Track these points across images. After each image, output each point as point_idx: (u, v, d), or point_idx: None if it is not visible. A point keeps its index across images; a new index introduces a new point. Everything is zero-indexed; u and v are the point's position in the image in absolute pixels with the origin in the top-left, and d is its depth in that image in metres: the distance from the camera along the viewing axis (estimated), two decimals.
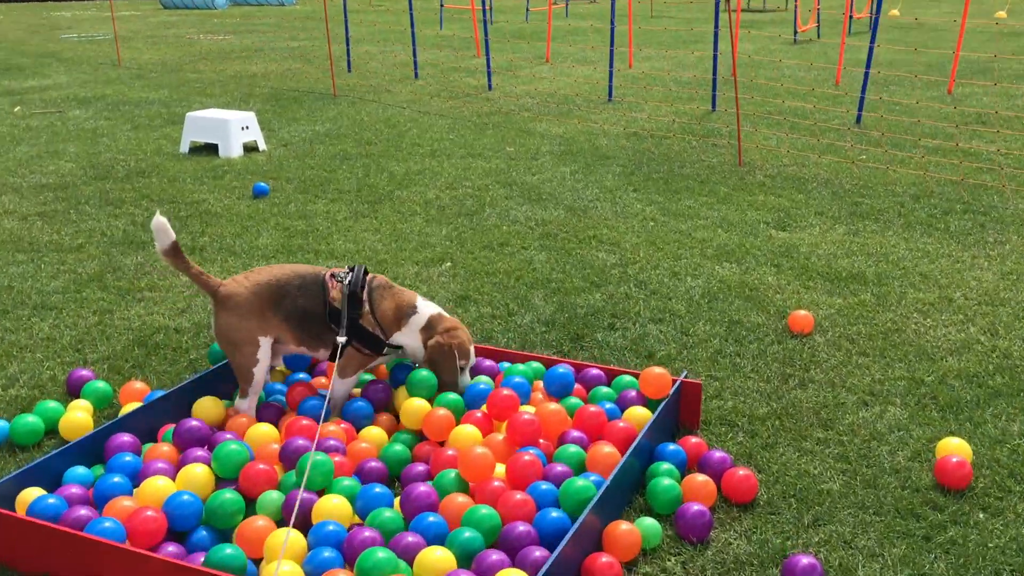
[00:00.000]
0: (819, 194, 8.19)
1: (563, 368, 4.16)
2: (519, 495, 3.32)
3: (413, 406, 3.90)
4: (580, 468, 3.66)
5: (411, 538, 3.12)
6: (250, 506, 3.53)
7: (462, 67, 16.88)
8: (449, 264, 6.49)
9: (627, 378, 4.27)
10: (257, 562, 3.23)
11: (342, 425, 3.92)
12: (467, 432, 3.74)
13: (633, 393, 4.14)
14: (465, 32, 22.55)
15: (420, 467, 3.70)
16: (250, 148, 10.18)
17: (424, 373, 4.05)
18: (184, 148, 10.11)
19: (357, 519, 3.41)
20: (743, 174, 8.94)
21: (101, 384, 4.45)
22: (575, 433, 3.84)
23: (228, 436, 3.81)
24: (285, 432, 3.85)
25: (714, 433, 4.26)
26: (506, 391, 3.92)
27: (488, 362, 4.52)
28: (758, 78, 14.59)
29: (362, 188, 8.53)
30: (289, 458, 3.61)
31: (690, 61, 17.41)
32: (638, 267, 6.38)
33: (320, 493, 3.50)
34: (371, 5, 33.16)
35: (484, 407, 3.99)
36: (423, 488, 3.37)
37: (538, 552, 3.05)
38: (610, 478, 3.42)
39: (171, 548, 3.20)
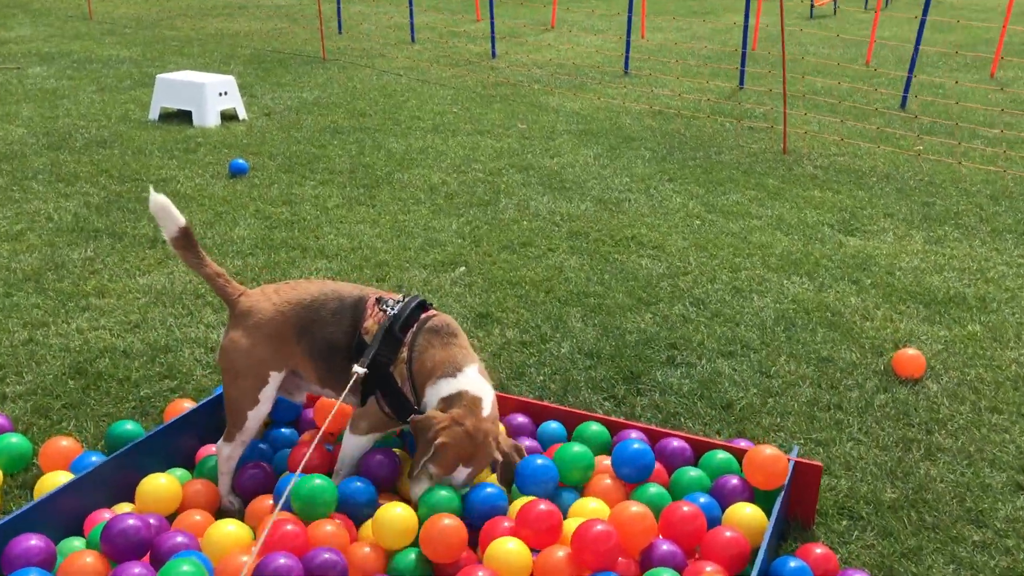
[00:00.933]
0: (882, 191, 7.12)
1: (639, 444, 3.08)
2: None
3: (393, 518, 2.80)
4: None
5: None
6: None
7: (461, 31, 15.65)
8: (463, 269, 5.39)
9: (721, 455, 3.20)
10: None
11: (334, 522, 2.84)
12: (509, 549, 2.66)
13: (735, 481, 3.07)
14: None
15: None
16: (228, 117, 9.00)
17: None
18: (153, 115, 8.92)
19: None
20: (790, 164, 7.85)
21: (16, 439, 3.34)
22: (665, 547, 2.77)
23: (179, 539, 2.72)
24: (269, 531, 2.76)
25: (834, 531, 3.21)
26: (543, 505, 2.81)
27: (521, 418, 3.45)
28: (777, 53, 13.46)
29: (356, 168, 7.39)
30: None
31: (704, 33, 16.24)
32: (691, 279, 5.31)
33: None
34: None
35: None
36: None
37: None
38: None
39: None
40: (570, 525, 2.84)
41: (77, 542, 2.86)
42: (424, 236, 5.93)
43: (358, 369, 2.95)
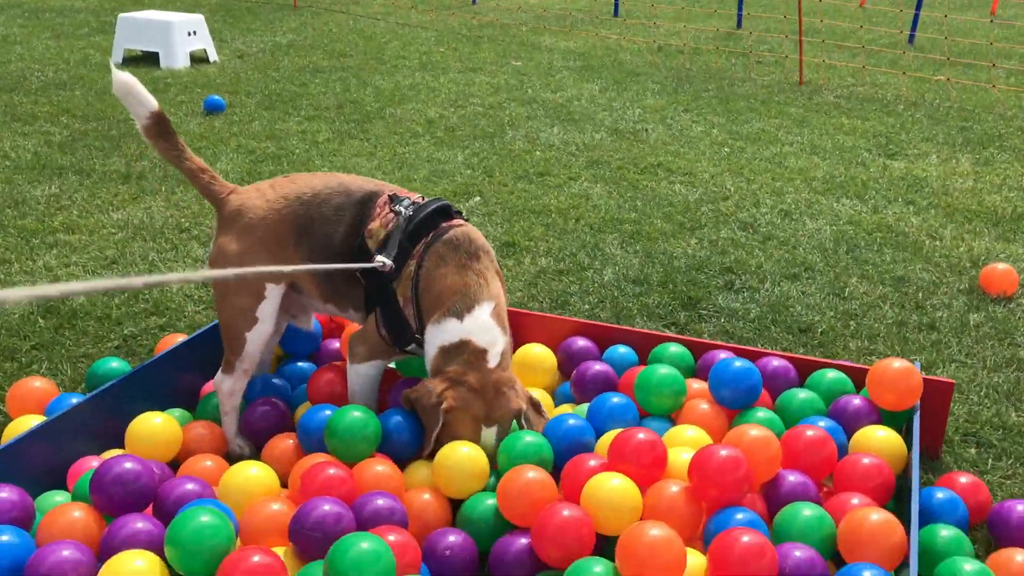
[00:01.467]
0: (912, 118, 6.62)
1: (740, 362, 2.54)
2: None
3: (460, 459, 2.25)
4: (826, 547, 2.07)
5: None
6: None
7: None
8: (478, 199, 4.82)
9: (832, 375, 2.67)
10: None
11: (384, 461, 2.29)
12: (614, 487, 2.11)
13: (857, 401, 2.54)
14: None
15: (523, 539, 2.10)
16: (198, 59, 8.30)
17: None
18: (116, 58, 8.20)
19: None
20: (809, 94, 7.34)
21: None
22: (792, 478, 2.25)
23: (190, 486, 2.16)
24: (300, 479, 2.20)
25: (965, 460, 2.71)
26: (642, 434, 2.26)
27: (582, 341, 2.90)
28: (761, 21, 12.94)
29: (344, 104, 6.76)
30: (309, 539, 1.97)
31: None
32: (732, 204, 4.78)
33: None
34: None
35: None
36: None
37: None
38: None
39: None
40: (673, 459, 2.30)
41: (59, 497, 2.28)
42: (428, 167, 5.34)
43: (382, 259, 2.42)
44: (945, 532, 2.18)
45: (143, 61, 8.18)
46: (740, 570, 1.89)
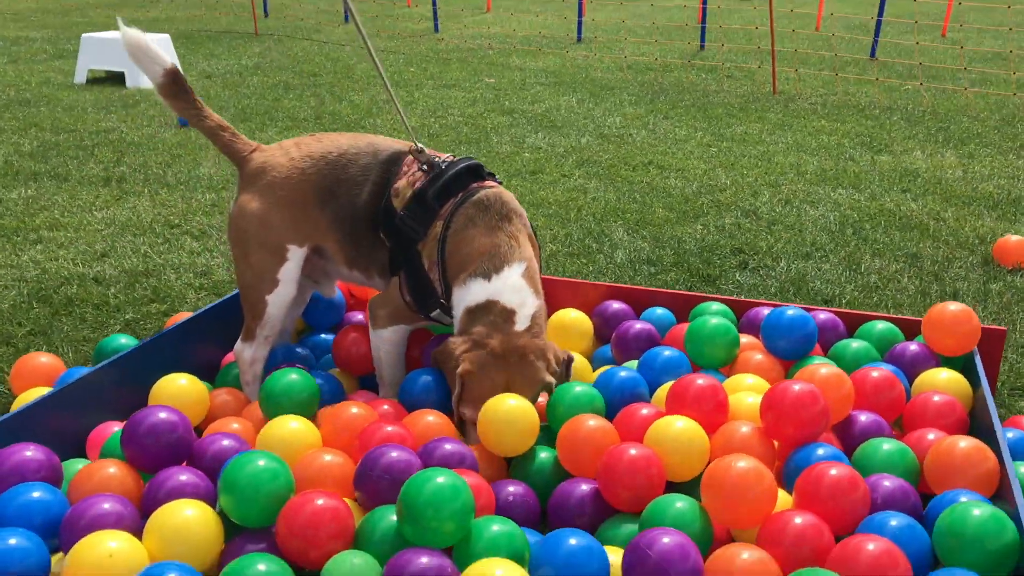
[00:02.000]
0: (889, 121, 6.68)
1: (794, 310, 2.46)
2: (866, 544, 1.63)
3: (508, 414, 2.09)
4: (911, 480, 1.98)
5: None
6: None
7: (396, 14, 14.94)
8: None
9: (882, 325, 2.59)
10: None
11: (435, 413, 2.15)
12: (680, 429, 1.99)
13: (914, 347, 2.46)
14: None
15: (585, 486, 1.97)
16: None
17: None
18: (80, 78, 8.00)
19: None
20: (784, 102, 7.39)
21: None
22: (864, 418, 2.15)
23: (227, 443, 1.99)
24: (361, 433, 2.05)
25: (1017, 411, 2.64)
26: (701, 380, 2.15)
27: (617, 304, 2.79)
28: (731, 23, 13.13)
29: (322, 116, 6.64)
30: (378, 485, 1.82)
31: (644, 11, 15.85)
32: (730, 195, 4.73)
33: (449, 552, 1.73)
34: None
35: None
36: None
37: None
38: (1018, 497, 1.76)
39: None
40: (735, 405, 2.20)
41: (79, 465, 2.10)
42: None
43: (420, 145, 2.34)
44: None
45: (108, 81, 7.99)
46: (831, 504, 1.79)
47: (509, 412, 2.07)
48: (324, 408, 2.26)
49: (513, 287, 2.23)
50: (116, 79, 8.00)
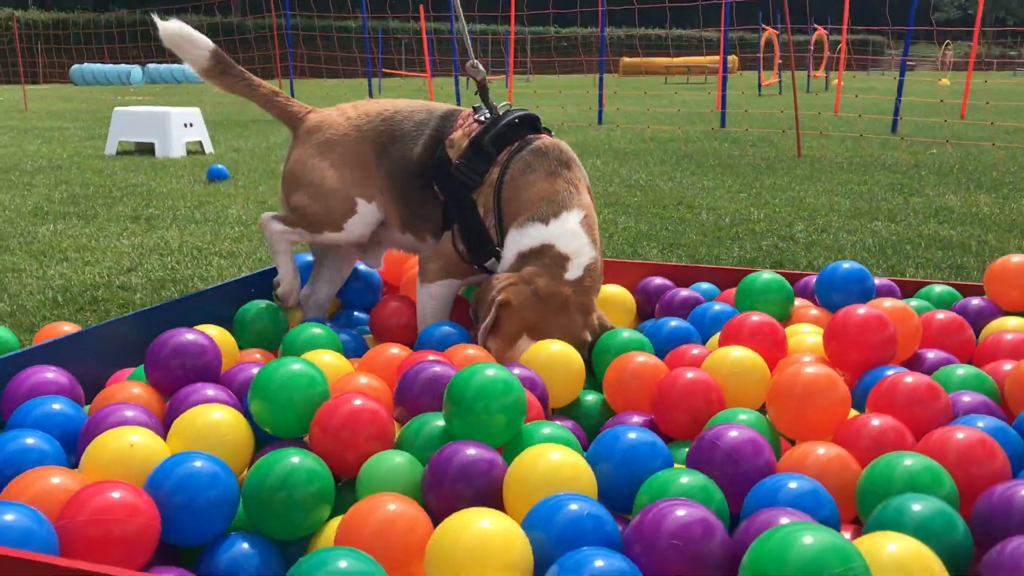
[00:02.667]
0: (917, 175, 6.64)
1: (849, 264, 2.35)
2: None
3: (554, 356, 1.95)
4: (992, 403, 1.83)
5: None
6: (342, 491, 1.59)
7: None
8: None
9: (939, 288, 2.47)
10: None
11: (477, 347, 2.03)
12: (735, 358, 1.86)
13: (977, 301, 2.34)
14: (413, 85, 21.06)
15: (637, 418, 1.82)
16: (194, 152, 8.26)
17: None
18: (111, 149, 8.13)
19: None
20: (810, 162, 7.38)
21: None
22: (932, 355, 2.02)
23: (255, 371, 1.88)
24: (380, 364, 1.94)
25: None
26: (756, 316, 2.04)
27: (659, 280, 2.67)
28: (751, 109, 13.30)
29: None
30: (420, 397, 1.69)
31: (664, 102, 16.14)
32: (764, 226, 4.66)
33: (499, 451, 1.60)
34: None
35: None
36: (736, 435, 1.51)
37: None
38: None
39: None
40: (795, 347, 2.07)
41: None
42: None
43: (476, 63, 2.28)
44: None
45: (137, 154, 8.10)
46: (909, 414, 1.64)
47: (553, 357, 1.95)
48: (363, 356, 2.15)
49: (571, 232, 2.13)
50: (146, 150, 8.11)
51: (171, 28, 2.38)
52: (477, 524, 1.24)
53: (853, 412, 1.77)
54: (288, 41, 13.70)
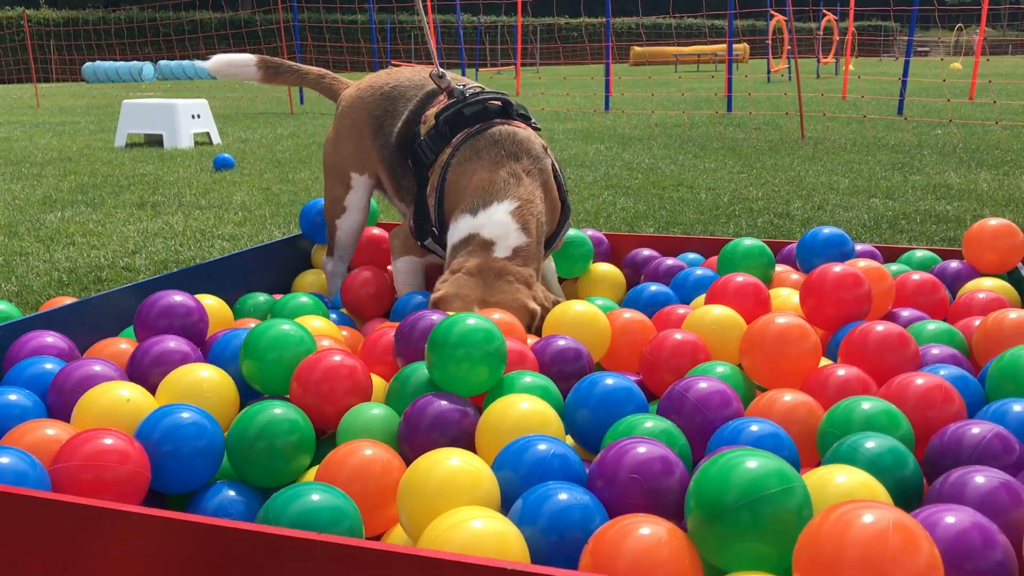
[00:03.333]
0: (920, 154, 6.65)
1: (830, 228, 2.40)
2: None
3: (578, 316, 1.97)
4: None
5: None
6: (324, 444, 1.66)
7: None
8: None
9: (921, 254, 2.52)
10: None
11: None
12: (716, 315, 1.92)
13: (956, 264, 2.38)
14: None
15: (563, 343, 1.82)
16: (202, 143, 8.34)
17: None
18: (120, 141, 8.22)
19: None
20: (814, 143, 7.40)
21: (2, 305, 2.53)
22: (907, 312, 2.07)
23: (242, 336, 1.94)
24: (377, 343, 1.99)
25: None
26: (741, 277, 2.10)
27: (647, 251, 2.73)
28: (757, 92, 13.29)
29: None
30: (416, 349, 1.74)
31: (672, 90, 16.15)
32: (762, 204, 4.69)
33: (482, 398, 1.66)
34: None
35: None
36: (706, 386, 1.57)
37: None
38: None
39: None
40: (778, 306, 2.12)
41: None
42: None
43: (441, 71, 2.32)
44: None
45: (147, 145, 8.19)
46: (879, 362, 1.69)
47: (578, 318, 1.95)
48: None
49: (497, 222, 2.06)
50: (155, 142, 8.20)
51: (217, 63, 2.63)
52: (447, 462, 1.30)
53: (826, 361, 1.83)
54: (296, 34, 13.77)
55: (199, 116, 8.19)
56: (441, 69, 2.34)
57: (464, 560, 1.05)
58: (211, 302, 2.22)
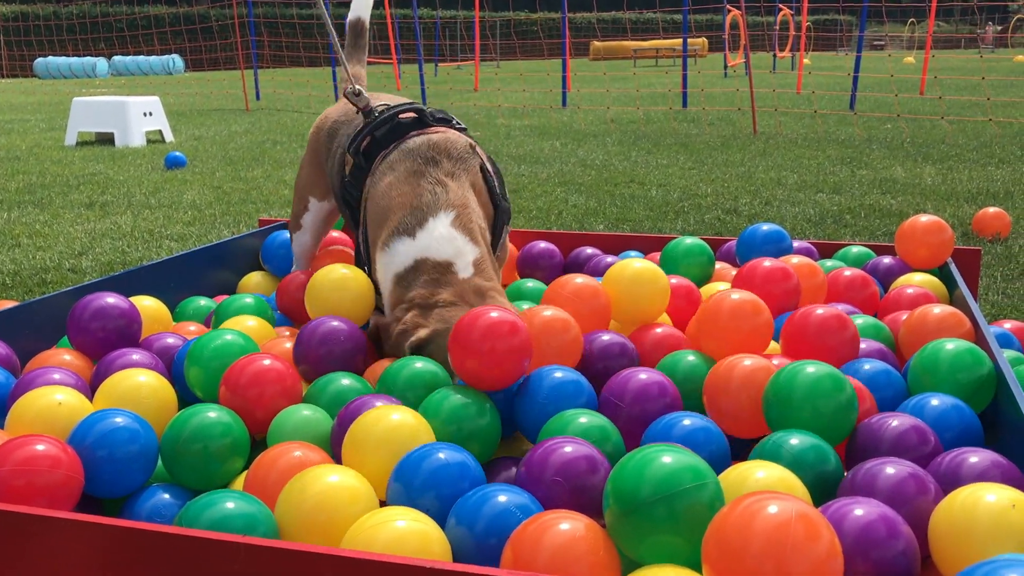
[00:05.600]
0: (868, 149, 6.77)
1: (768, 225, 2.44)
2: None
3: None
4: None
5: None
6: (259, 448, 1.67)
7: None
8: None
9: (856, 250, 2.58)
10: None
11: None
12: (636, 268, 1.91)
13: (889, 260, 2.44)
14: (380, 71, 21.05)
15: (608, 338, 1.80)
16: (154, 141, 8.26)
17: None
18: (70, 140, 8.12)
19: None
20: (766, 139, 7.49)
21: None
22: (839, 307, 2.12)
23: (171, 340, 1.95)
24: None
25: None
26: (675, 278, 2.14)
27: (590, 249, 2.75)
28: (711, 88, 13.42)
29: None
30: (319, 358, 1.76)
31: (628, 85, 16.24)
32: (711, 200, 4.75)
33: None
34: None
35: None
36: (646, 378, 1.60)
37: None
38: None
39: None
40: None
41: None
42: None
43: (359, 88, 2.11)
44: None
45: (98, 144, 8.10)
46: (820, 344, 1.72)
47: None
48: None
49: (442, 238, 1.84)
50: (107, 140, 8.11)
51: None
52: (325, 479, 1.29)
53: (774, 344, 1.87)
54: (251, 30, 13.65)
55: (151, 114, 8.11)
56: (357, 87, 2.11)
57: (388, 560, 1.08)
58: (149, 304, 2.21)
